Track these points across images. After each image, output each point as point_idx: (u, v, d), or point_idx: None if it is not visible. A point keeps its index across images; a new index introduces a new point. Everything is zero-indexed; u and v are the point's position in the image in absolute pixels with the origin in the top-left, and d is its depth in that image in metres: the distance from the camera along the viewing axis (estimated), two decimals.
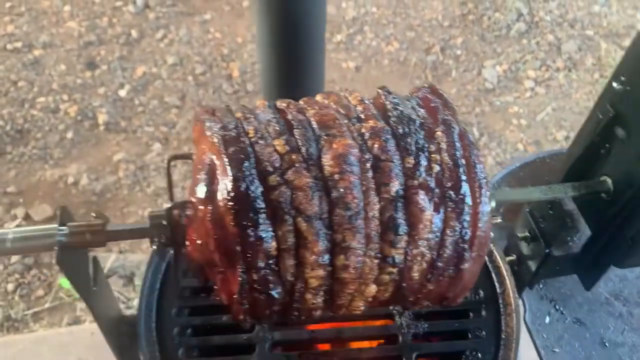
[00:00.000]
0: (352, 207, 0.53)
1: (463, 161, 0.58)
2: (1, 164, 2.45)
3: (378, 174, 0.56)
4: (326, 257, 0.54)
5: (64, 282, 2.12)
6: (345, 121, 0.60)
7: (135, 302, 2.11)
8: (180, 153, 0.61)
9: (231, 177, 0.52)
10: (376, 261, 0.55)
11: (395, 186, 0.55)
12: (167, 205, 0.61)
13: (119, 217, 2.33)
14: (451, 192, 0.56)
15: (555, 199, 0.69)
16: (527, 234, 0.78)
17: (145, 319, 0.75)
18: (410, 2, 3.25)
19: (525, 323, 0.89)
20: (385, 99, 0.62)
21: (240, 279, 0.52)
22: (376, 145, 0.57)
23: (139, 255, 2.22)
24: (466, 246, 0.57)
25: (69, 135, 2.55)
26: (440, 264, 0.56)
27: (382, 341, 0.78)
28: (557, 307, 0.92)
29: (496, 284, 0.82)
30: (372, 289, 0.55)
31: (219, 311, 0.77)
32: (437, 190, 0.56)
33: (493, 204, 0.63)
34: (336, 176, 0.54)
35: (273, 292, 0.53)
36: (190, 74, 2.84)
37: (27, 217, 2.29)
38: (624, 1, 3.38)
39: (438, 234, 0.56)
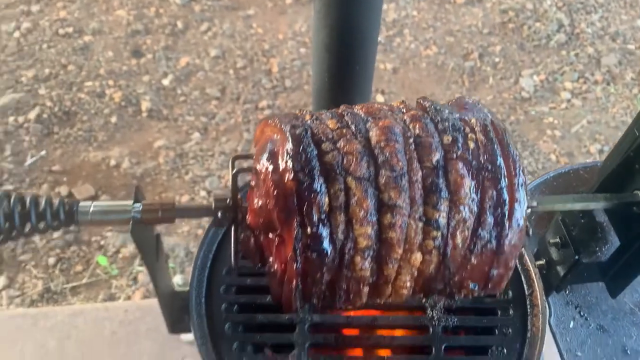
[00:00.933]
0: (396, 169, 0.59)
1: (496, 141, 0.63)
2: (48, 144, 2.56)
3: (419, 148, 0.61)
4: (374, 214, 0.58)
5: (101, 259, 2.22)
6: (390, 112, 0.65)
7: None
8: (242, 153, 0.67)
9: (291, 141, 0.58)
10: (420, 224, 0.59)
11: (436, 156, 0.61)
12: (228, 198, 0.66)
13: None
14: (488, 164, 0.61)
15: (587, 208, 0.73)
16: (557, 240, 0.82)
17: (196, 294, 0.81)
18: (451, 8, 3.27)
19: (550, 326, 0.93)
20: (424, 101, 0.68)
21: (295, 231, 0.56)
22: (417, 126, 0.63)
23: (174, 238, 2.31)
24: (506, 213, 0.60)
25: (113, 119, 2.65)
26: (481, 233, 0.60)
27: (413, 331, 0.83)
28: (582, 313, 0.96)
29: (525, 285, 0.86)
30: (418, 257, 0.59)
31: (264, 292, 0.83)
32: (474, 163, 0.61)
33: (530, 206, 0.68)
34: (382, 143, 0.60)
35: (325, 247, 0.56)
36: (231, 67, 2.92)
37: (69, 196, 2.39)
38: None
39: (477, 201, 0.60)
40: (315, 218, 0.55)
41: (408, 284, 0.60)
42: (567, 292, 0.98)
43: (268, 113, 2.76)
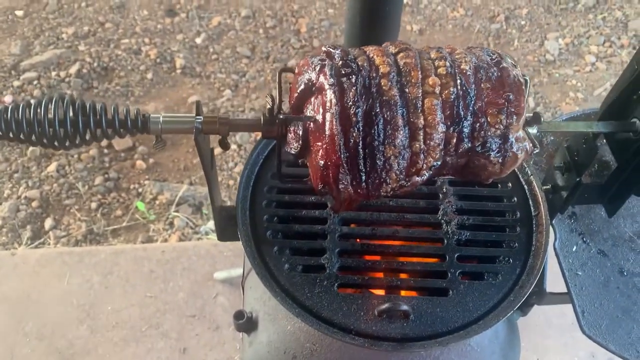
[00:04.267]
0: (406, 44, 0.73)
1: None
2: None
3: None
4: (390, 54, 0.70)
5: (140, 205, 2.37)
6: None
7: (202, 229, 2.34)
8: (288, 67, 0.78)
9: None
10: (430, 60, 0.71)
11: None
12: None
13: (191, 153, 2.55)
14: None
15: (590, 130, 0.82)
16: (562, 164, 0.91)
17: (242, 206, 0.93)
18: None
19: (555, 249, 1.03)
20: None
21: (328, 69, 0.68)
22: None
23: (207, 188, 2.44)
24: (495, 54, 0.73)
25: (149, 75, 2.78)
26: (483, 65, 0.71)
27: (430, 243, 0.94)
28: (584, 239, 1.06)
29: (532, 208, 0.96)
30: (436, 80, 0.68)
31: (300, 207, 0.95)
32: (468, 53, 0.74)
33: (535, 130, 0.77)
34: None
35: (354, 72, 0.67)
36: (261, 26, 3.01)
37: (109, 146, 2.54)
38: None
39: (474, 55, 0.73)
40: (343, 58, 0.68)
41: (437, 109, 0.67)
42: (572, 220, 1.07)
43: None
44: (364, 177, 0.69)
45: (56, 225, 2.31)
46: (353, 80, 0.67)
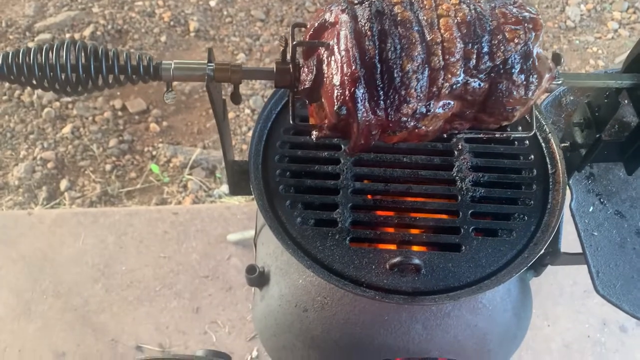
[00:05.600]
0: None
1: None
2: None
3: None
4: None
5: (154, 167, 2.38)
6: None
7: (216, 192, 2.34)
8: (302, 22, 0.76)
9: None
10: None
11: None
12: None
13: (204, 117, 2.55)
14: None
15: (611, 85, 0.80)
16: (581, 120, 0.89)
17: (254, 161, 0.92)
18: None
19: (571, 209, 1.01)
20: None
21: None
22: None
23: (220, 152, 2.44)
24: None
25: (163, 38, 2.76)
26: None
27: (443, 200, 0.93)
28: (601, 200, 1.04)
29: (549, 165, 0.94)
30: (449, 5, 0.68)
31: (313, 162, 0.94)
32: None
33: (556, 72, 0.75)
34: None
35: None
36: None
37: (123, 108, 2.54)
38: None
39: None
40: None
41: (453, 26, 0.67)
42: (590, 181, 1.05)
43: None
44: (382, 95, 0.67)
45: (71, 187, 2.33)
46: (366, 4, 0.66)
